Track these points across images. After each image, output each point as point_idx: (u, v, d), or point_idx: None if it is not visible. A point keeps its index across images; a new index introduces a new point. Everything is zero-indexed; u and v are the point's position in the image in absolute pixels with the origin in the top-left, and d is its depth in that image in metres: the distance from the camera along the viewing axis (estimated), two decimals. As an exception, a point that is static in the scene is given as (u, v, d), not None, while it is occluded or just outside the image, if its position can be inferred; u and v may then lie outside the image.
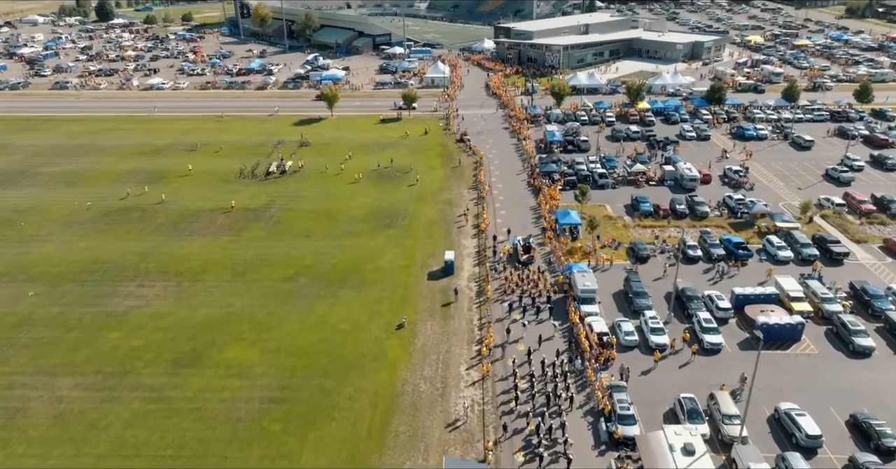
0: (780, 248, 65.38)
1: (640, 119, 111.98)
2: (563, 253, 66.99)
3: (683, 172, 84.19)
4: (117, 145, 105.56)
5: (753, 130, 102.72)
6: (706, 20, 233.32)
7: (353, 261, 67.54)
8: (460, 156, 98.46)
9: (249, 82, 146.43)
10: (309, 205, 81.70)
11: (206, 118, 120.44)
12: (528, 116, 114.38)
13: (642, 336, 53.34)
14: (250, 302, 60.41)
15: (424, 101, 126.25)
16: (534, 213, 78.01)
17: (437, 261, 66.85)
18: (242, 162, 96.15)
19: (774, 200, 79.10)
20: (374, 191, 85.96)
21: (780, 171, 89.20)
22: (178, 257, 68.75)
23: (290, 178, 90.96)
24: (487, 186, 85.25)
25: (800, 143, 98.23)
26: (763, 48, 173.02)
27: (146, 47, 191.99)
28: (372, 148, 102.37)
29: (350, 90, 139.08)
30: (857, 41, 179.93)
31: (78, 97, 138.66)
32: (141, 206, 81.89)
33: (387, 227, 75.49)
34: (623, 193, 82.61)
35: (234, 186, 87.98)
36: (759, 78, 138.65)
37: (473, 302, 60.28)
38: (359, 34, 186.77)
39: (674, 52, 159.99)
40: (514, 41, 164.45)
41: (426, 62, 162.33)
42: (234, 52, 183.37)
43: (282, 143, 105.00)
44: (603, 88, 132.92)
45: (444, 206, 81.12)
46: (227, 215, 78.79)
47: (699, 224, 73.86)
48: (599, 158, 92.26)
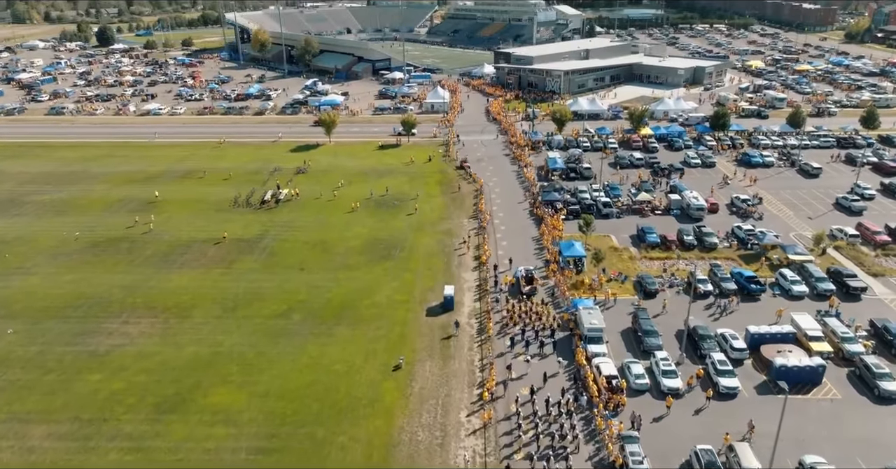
0: (794, 283, 62.64)
1: (643, 145, 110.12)
2: (567, 287, 64.25)
3: (690, 201, 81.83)
4: (110, 172, 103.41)
5: (759, 157, 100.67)
6: (706, 45, 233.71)
7: (348, 295, 64.75)
8: (460, 183, 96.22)
9: (247, 108, 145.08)
10: (304, 235, 79.16)
11: (201, 144, 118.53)
12: (529, 142, 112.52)
13: (653, 379, 50.37)
14: (240, 340, 57.49)
15: (424, 126, 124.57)
16: (536, 244, 75.45)
17: (436, 295, 64.09)
18: (238, 189, 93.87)
19: (785, 231, 76.58)
20: (372, 220, 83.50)
21: (789, 200, 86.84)
22: (166, 291, 65.97)
23: (285, 206, 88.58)
24: (488, 216, 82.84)
25: (807, 171, 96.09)
26: (764, 73, 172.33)
27: (145, 72, 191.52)
28: (370, 175, 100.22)
29: (349, 115, 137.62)
30: (858, 66, 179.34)
31: (73, 123, 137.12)
32: (130, 236, 79.34)
33: (384, 258, 72.85)
34: (628, 223, 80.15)
35: (228, 215, 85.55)
36: (763, 103, 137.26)
37: (474, 340, 57.35)
38: (358, 59, 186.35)
39: (675, 78, 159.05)
40: (515, 66, 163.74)
41: (426, 87, 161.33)
42: (233, 77, 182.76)
43: (278, 169, 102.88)
44: (605, 114, 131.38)
45: (444, 236, 78.57)
46: (220, 246, 76.17)
47: (708, 256, 71.24)
48: (603, 186, 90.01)
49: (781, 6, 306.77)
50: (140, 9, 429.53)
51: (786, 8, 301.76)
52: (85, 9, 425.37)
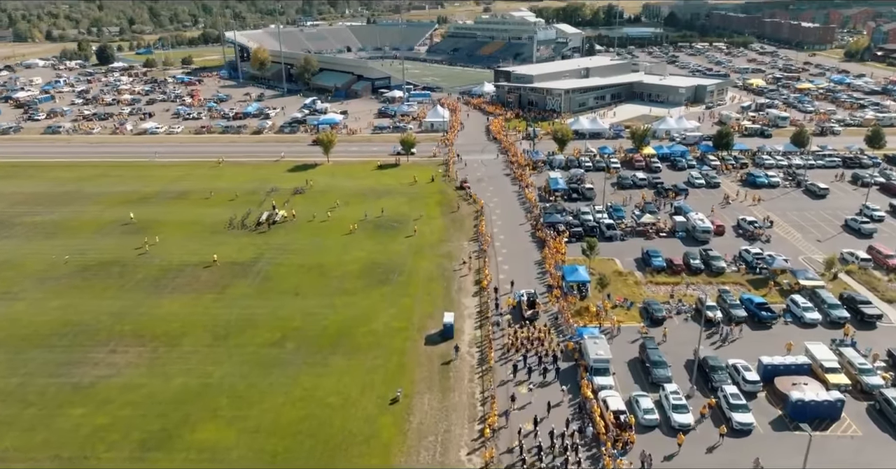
0: (806, 309, 60.42)
1: (646, 165, 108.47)
2: (571, 314, 62.04)
3: (696, 223, 79.86)
4: (104, 193, 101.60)
5: (765, 177, 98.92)
6: (706, 63, 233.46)
7: (345, 322, 62.51)
8: (460, 204, 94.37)
9: (245, 127, 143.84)
10: (300, 258, 77.09)
11: (198, 164, 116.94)
12: (529, 162, 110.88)
13: (663, 413, 47.97)
14: (231, 371, 55.16)
15: (423, 146, 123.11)
16: (539, 268, 73.34)
17: (435, 322, 61.84)
18: (233, 211, 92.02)
19: (794, 254, 74.52)
20: (370, 243, 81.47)
21: (796, 222, 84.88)
22: (156, 318, 63.72)
23: (281, 228, 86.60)
24: (489, 238, 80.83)
25: (814, 191, 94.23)
26: (766, 91, 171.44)
27: (144, 91, 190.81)
28: (368, 196, 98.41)
29: (347, 134, 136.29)
30: (860, 84, 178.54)
31: (69, 142, 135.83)
32: (122, 259, 77.24)
33: (382, 283, 70.69)
34: (633, 246, 78.10)
35: (223, 238, 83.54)
36: (766, 122, 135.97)
37: (475, 370, 55.04)
38: (358, 78, 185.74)
39: (676, 96, 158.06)
40: (515, 85, 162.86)
41: (425, 106, 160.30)
42: (232, 96, 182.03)
43: (275, 190, 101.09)
44: (606, 133, 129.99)
45: (443, 259, 76.48)
46: (212, 270, 74.04)
47: (715, 280, 69.14)
48: (606, 208, 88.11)
49: (780, 25, 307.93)
50: (141, 27, 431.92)
51: (784, 26, 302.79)
52: (87, 27, 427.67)
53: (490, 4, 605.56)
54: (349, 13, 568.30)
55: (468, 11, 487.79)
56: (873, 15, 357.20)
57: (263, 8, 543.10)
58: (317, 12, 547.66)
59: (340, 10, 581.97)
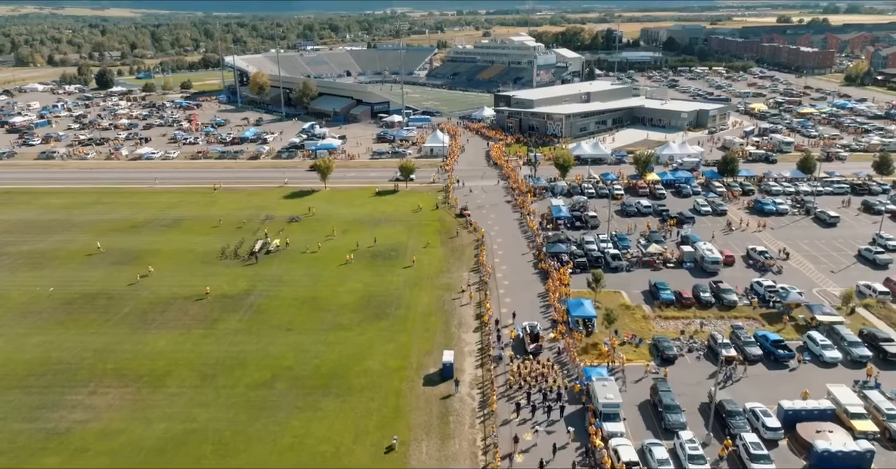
0: (825, 347, 57.35)
1: (650, 192, 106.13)
2: (577, 352, 58.95)
3: (704, 254, 77.08)
4: (94, 220, 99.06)
5: (772, 205, 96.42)
6: (706, 87, 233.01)
7: (338, 361, 59.37)
8: (460, 232, 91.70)
9: (242, 152, 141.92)
10: (293, 291, 74.13)
11: (192, 191, 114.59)
12: (531, 189, 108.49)
13: (678, 464, 44.63)
14: (217, 415, 51.89)
15: (423, 171, 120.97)
16: (542, 301, 70.38)
17: (434, 361, 58.73)
18: (226, 240, 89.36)
19: (807, 286, 71.62)
20: (366, 273, 78.60)
21: (808, 251, 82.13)
22: (140, 356, 60.58)
23: (275, 258, 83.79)
24: (490, 269, 77.99)
25: (824, 219, 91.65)
26: (768, 116, 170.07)
27: (141, 115, 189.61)
28: (366, 224, 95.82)
29: (346, 160, 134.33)
30: (862, 109, 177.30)
31: (63, 168, 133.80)
32: (108, 291, 74.29)
33: (378, 317, 67.67)
34: (639, 277, 75.25)
35: (215, 269, 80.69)
36: (770, 147, 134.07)
37: (476, 414, 51.78)
38: (357, 102, 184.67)
39: (678, 121, 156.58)
40: (515, 109, 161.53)
41: (425, 130, 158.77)
42: (230, 120, 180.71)
43: (270, 218, 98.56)
44: (608, 158, 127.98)
45: (443, 291, 73.53)
46: (202, 304, 71.05)
47: (727, 314, 66.18)
48: (610, 237, 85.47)
49: (779, 49, 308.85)
50: (143, 52, 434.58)
51: (783, 51, 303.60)
52: (88, 52, 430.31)
53: (489, 29, 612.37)
54: (350, 38, 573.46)
55: (468, 36, 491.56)
56: (871, 39, 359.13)
57: (265, 33, 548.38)
58: (318, 37, 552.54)
59: (341, 35, 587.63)
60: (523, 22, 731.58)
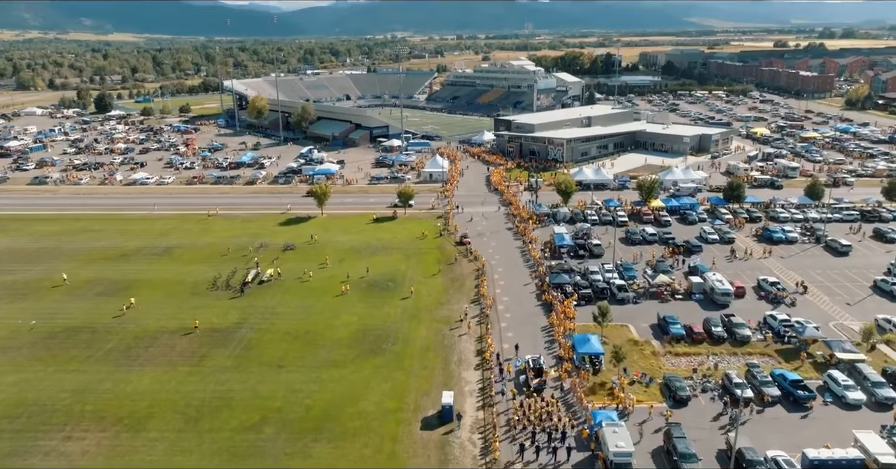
0: (847, 388, 54.08)
1: (655, 218, 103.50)
2: (584, 392, 55.65)
3: (714, 285, 74.05)
4: (83, 249, 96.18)
5: (781, 233, 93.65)
6: (706, 111, 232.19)
7: (331, 401, 56.02)
8: (460, 261, 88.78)
9: (238, 177, 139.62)
10: (286, 324, 70.96)
11: (186, 217, 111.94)
12: (532, 215, 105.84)
13: (697, 521, 41.21)
14: (199, 462, 48.43)
15: (422, 197, 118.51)
16: (546, 335, 67.22)
17: (432, 401, 55.43)
18: (219, 269, 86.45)
19: (823, 320, 68.50)
20: (362, 305, 75.47)
21: (821, 282, 79.07)
22: (121, 396, 57.21)
23: (268, 288, 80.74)
24: (491, 300, 74.94)
25: (835, 248, 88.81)
26: (771, 140, 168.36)
27: (138, 139, 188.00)
28: (363, 252, 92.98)
29: (343, 185, 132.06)
30: (866, 133, 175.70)
31: (55, 193, 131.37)
32: (92, 324, 71.10)
33: (374, 353, 64.42)
34: (647, 310, 72.15)
35: (205, 300, 77.58)
36: (775, 172, 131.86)
37: (477, 461, 48.32)
38: (356, 126, 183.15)
39: (680, 145, 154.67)
40: (516, 134, 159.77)
41: (424, 155, 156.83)
42: (228, 145, 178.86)
43: (264, 246, 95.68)
44: (611, 184, 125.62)
45: (442, 325, 70.37)
46: (190, 338, 67.83)
47: (740, 350, 63.01)
48: (616, 266, 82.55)
49: (778, 73, 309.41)
50: (144, 76, 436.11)
51: (783, 75, 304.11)
52: (90, 76, 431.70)
53: (489, 54, 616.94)
54: (350, 62, 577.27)
55: (467, 60, 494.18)
56: (868, 64, 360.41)
57: (266, 57, 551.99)
58: (318, 61, 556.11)
59: (342, 60, 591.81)
60: (522, 46, 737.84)
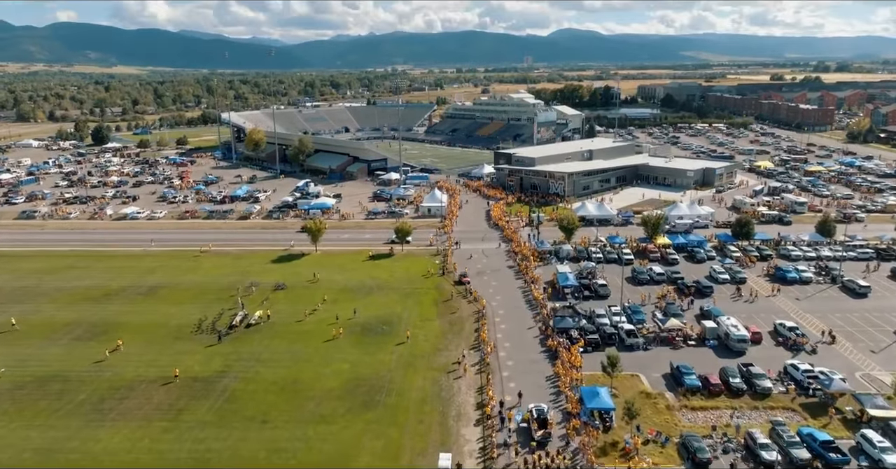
0: (884, 450, 49.35)
1: (662, 256, 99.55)
2: (594, 453, 50.86)
3: (729, 330, 69.66)
4: (65, 288, 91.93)
5: (795, 272, 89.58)
6: (708, 144, 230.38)
7: (318, 463, 51.23)
8: (459, 303, 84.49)
9: (232, 211, 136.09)
10: (273, 372, 66.33)
11: (175, 254, 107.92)
12: (534, 252, 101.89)
13: None
14: (168, 537, 43.50)
15: (420, 232, 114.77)
16: (551, 386, 62.59)
17: (429, 463, 50.65)
18: (205, 310, 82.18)
19: (848, 369, 63.96)
20: (355, 351, 70.93)
21: (841, 327, 74.62)
22: (88, 457, 52.36)
23: (255, 332, 76.25)
24: (492, 347, 70.44)
25: (853, 289, 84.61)
26: (775, 174, 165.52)
27: (133, 172, 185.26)
28: (357, 292, 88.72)
29: (339, 220, 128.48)
30: (871, 167, 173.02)
31: (42, 228, 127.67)
32: (65, 373, 66.45)
33: (366, 406, 59.70)
34: (658, 357, 67.64)
35: (188, 345, 73.04)
36: (782, 208, 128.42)
37: (478, 536, 43.44)
38: (353, 159, 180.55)
39: (684, 179, 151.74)
40: (516, 167, 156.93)
41: (423, 188, 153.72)
42: (223, 178, 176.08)
43: (255, 285, 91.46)
44: (614, 219, 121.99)
45: (439, 373, 65.76)
46: (169, 388, 63.17)
47: (761, 404, 58.36)
48: (623, 309, 78.25)
49: (778, 106, 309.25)
50: (144, 107, 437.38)
51: (783, 108, 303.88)
52: (90, 108, 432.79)
53: (488, 86, 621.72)
54: (350, 94, 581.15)
55: (466, 93, 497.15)
56: (866, 97, 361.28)
57: (267, 89, 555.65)
58: (318, 94, 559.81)
59: (342, 92, 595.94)
60: (521, 79, 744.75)
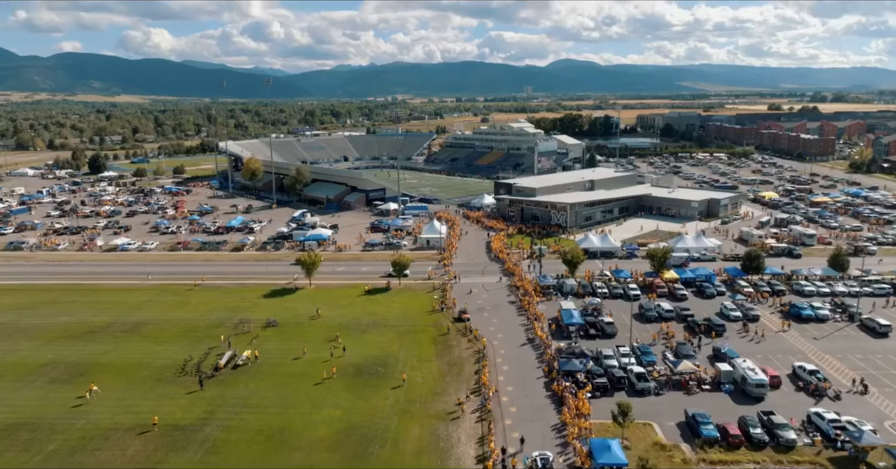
0: (925, 514, 44.94)
1: (670, 292, 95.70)
2: (607, 515, 46.38)
3: (746, 374, 65.45)
4: (45, 325, 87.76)
5: (810, 309, 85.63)
6: (710, 174, 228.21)
7: (303, 527, 46.66)
8: (459, 341, 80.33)
9: (225, 242, 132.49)
10: (259, 420, 61.87)
11: (164, 287, 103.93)
12: (537, 286, 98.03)
13: None
14: None
15: (418, 265, 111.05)
16: (558, 435, 58.14)
17: (425, 527, 46.06)
18: (190, 350, 78.00)
19: (876, 418, 59.63)
20: (347, 396, 66.54)
21: (863, 369, 70.41)
22: (52, 518, 47.82)
23: (242, 374, 71.91)
24: (493, 390, 66.12)
25: (873, 328, 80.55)
26: (780, 205, 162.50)
27: (127, 201, 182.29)
28: (352, 329, 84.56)
29: (335, 252, 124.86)
30: (878, 198, 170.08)
31: (29, 260, 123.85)
32: (37, 420, 61.99)
33: (359, 458, 55.22)
34: (671, 403, 63.30)
35: (170, 388, 68.65)
36: (791, 240, 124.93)
37: None
38: (351, 189, 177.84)
39: (688, 210, 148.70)
40: (517, 198, 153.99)
41: (422, 219, 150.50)
42: (218, 207, 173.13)
43: (244, 322, 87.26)
44: (618, 252, 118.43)
45: (437, 421, 61.33)
46: (146, 438, 58.65)
47: (786, 458, 53.90)
48: (632, 349, 74.08)
49: (778, 136, 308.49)
50: (144, 136, 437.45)
51: (783, 138, 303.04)
52: (90, 136, 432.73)
53: (487, 115, 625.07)
54: (350, 123, 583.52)
55: (466, 122, 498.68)
56: (866, 127, 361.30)
57: (267, 118, 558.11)
58: (319, 123, 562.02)
59: (342, 121, 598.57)
60: (521, 108, 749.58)
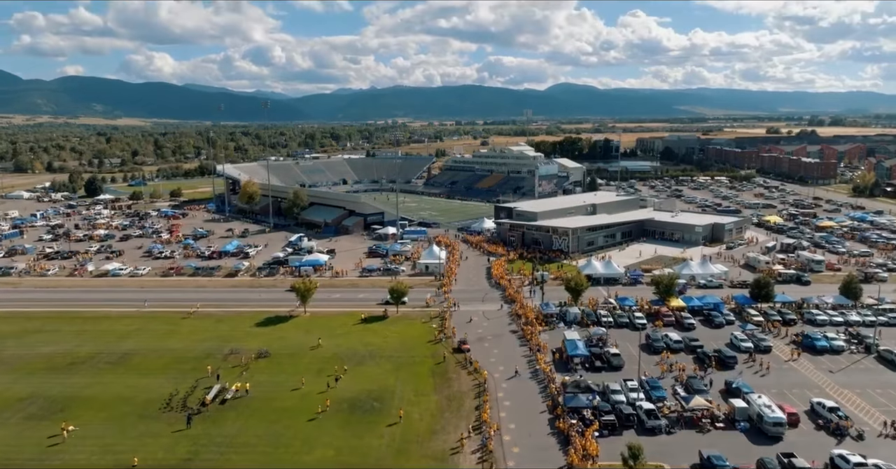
0: None
1: (677, 321, 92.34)
2: None
3: (762, 411, 61.85)
4: (27, 355, 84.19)
5: (824, 340, 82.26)
6: (712, 198, 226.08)
7: None
8: (458, 374, 76.77)
9: (219, 268, 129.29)
10: (247, 461, 58.13)
11: (154, 315, 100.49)
12: (539, 315, 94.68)
13: None
14: None
15: (417, 292, 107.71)
16: (564, 479, 54.46)
17: None
18: (177, 383, 74.38)
19: (903, 459, 56.00)
20: (341, 433, 62.84)
21: (885, 405, 66.86)
22: None
23: (231, 409, 68.26)
24: (495, 428, 62.44)
25: (891, 361, 77.10)
26: (785, 230, 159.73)
27: (121, 225, 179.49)
28: (347, 361, 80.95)
29: (332, 277, 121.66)
30: (884, 222, 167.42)
31: (17, 286, 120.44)
32: (7, 462, 58.18)
33: (351, 505, 51.49)
34: (683, 443, 59.60)
35: (154, 426, 64.90)
36: (798, 266, 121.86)
37: None
38: (349, 213, 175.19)
39: (692, 235, 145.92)
40: (517, 222, 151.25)
41: (420, 244, 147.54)
42: (214, 231, 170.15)
43: (235, 352, 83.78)
44: (623, 279, 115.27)
45: (436, 462, 57.63)
46: (124, 482, 54.97)
47: (810, 505, 50.20)
48: (640, 383, 70.50)
49: (780, 159, 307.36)
50: (143, 159, 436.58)
51: (784, 161, 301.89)
52: (89, 159, 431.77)
53: (487, 139, 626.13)
54: (350, 146, 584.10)
55: (466, 145, 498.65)
56: (865, 150, 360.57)
57: (267, 141, 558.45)
58: (319, 145, 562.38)
59: (342, 144, 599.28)
60: (520, 132, 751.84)
